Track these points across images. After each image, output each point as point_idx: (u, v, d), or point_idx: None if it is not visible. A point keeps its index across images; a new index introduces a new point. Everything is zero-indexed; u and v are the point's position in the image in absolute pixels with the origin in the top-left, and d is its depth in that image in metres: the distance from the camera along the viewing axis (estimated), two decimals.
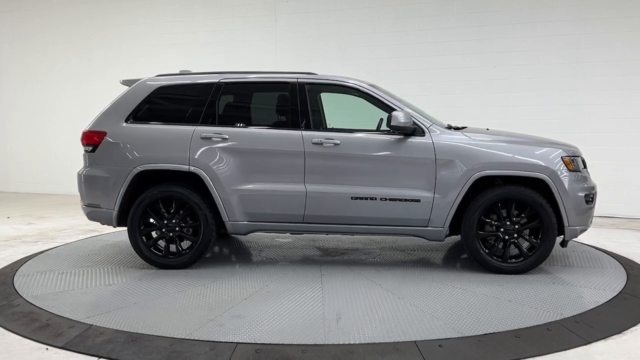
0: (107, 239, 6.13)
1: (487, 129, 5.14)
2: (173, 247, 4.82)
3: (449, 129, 4.71)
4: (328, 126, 5.29)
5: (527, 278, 4.43)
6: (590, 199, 4.53)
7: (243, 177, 4.64)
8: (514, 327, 3.35)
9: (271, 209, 4.64)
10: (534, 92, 7.95)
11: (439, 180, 4.47)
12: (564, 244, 4.60)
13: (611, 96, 7.62)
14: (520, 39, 7.94)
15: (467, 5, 8.17)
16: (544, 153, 4.51)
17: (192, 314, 3.62)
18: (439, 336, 3.22)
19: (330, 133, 4.67)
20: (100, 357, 3.02)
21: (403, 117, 4.41)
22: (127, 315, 3.61)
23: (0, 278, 4.57)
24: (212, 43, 9.52)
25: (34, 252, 5.55)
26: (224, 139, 4.65)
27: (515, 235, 4.51)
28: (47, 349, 3.16)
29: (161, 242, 4.83)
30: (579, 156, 4.65)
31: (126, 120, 4.81)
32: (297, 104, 4.72)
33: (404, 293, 4.06)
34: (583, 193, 4.47)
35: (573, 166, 4.49)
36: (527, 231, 4.56)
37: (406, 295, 4.02)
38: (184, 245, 4.85)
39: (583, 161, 4.72)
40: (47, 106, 10.70)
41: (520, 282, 4.33)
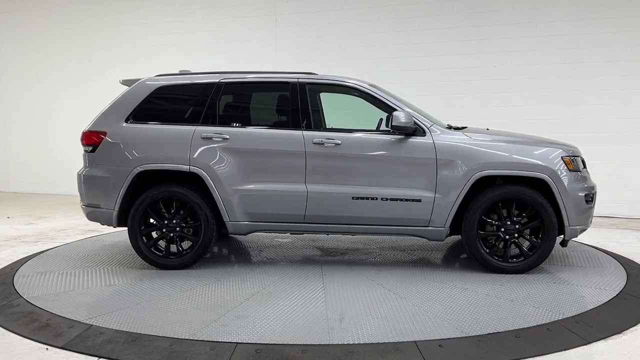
0: (107, 239, 6.13)
1: (487, 129, 5.15)
2: (173, 248, 4.82)
3: (449, 129, 4.72)
4: (327, 126, 5.29)
5: (527, 278, 4.44)
6: (590, 198, 4.54)
7: (244, 177, 4.63)
8: (514, 327, 3.35)
9: (272, 209, 4.64)
10: (534, 92, 7.95)
11: (439, 180, 4.48)
12: (564, 243, 4.60)
13: (611, 96, 7.62)
14: (520, 39, 7.94)
15: (467, 5, 8.17)
16: (544, 153, 4.51)
17: (195, 315, 3.61)
18: (441, 336, 3.22)
19: (331, 133, 4.67)
20: (100, 357, 3.02)
21: (404, 117, 4.41)
22: (129, 315, 3.60)
23: (0, 278, 4.57)
24: (212, 43, 9.52)
25: (34, 252, 5.55)
26: (224, 139, 4.65)
27: (516, 235, 4.52)
28: (47, 349, 3.16)
29: (161, 243, 4.83)
30: (578, 156, 4.66)
31: (126, 120, 4.80)
32: (298, 104, 4.72)
33: (405, 293, 4.07)
34: (583, 193, 4.49)
35: (573, 166, 4.50)
36: (528, 231, 4.56)
37: (408, 294, 4.02)
38: (184, 245, 4.85)
39: (583, 161, 4.73)
40: (47, 106, 10.70)
41: (520, 281, 4.33)
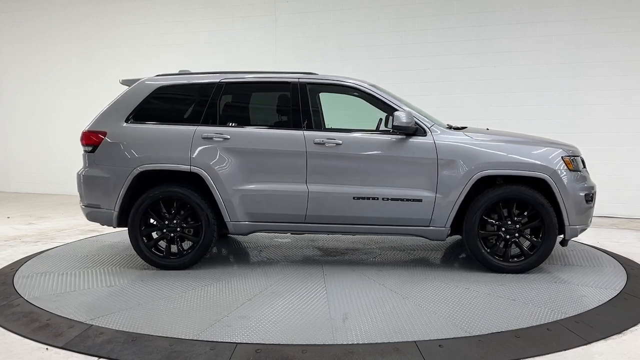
0: (107, 239, 6.12)
1: (487, 129, 5.15)
2: (174, 248, 4.81)
3: (449, 129, 4.72)
4: (327, 126, 5.29)
5: (527, 277, 4.44)
6: (590, 198, 4.55)
7: (244, 177, 4.63)
8: (514, 327, 3.35)
9: (273, 209, 4.64)
10: (534, 92, 7.95)
11: (440, 180, 4.48)
12: (564, 243, 4.61)
13: (611, 96, 7.62)
14: (520, 39, 7.94)
15: (467, 5, 8.17)
16: (544, 153, 4.52)
17: (197, 315, 3.61)
18: (441, 336, 3.22)
19: (332, 133, 4.67)
20: (100, 357, 3.02)
21: (405, 117, 4.42)
22: (130, 316, 3.59)
23: (0, 278, 4.57)
24: (212, 43, 9.52)
25: (34, 252, 5.54)
26: (225, 139, 4.65)
27: (517, 235, 4.52)
28: (47, 349, 3.16)
29: (162, 243, 4.83)
30: (578, 156, 4.67)
31: (126, 120, 4.79)
32: (299, 104, 4.71)
33: (407, 292, 4.07)
34: (583, 192, 4.49)
35: (573, 166, 4.51)
36: (528, 230, 4.57)
37: (410, 294, 4.03)
38: (185, 246, 4.84)
39: (582, 161, 4.74)
40: (47, 106, 10.69)
41: (521, 281, 4.33)
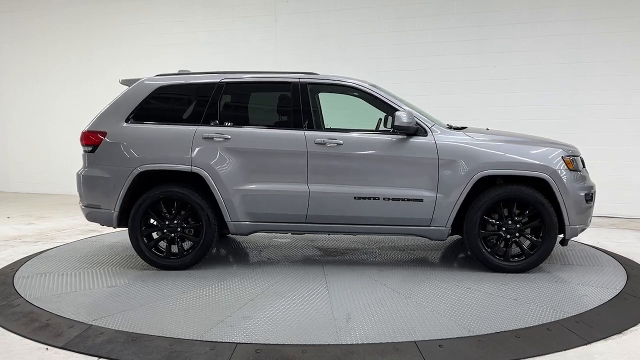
0: (107, 239, 6.12)
1: (487, 129, 5.15)
2: (174, 248, 4.81)
3: (450, 129, 4.72)
4: (326, 126, 5.29)
5: (528, 277, 4.44)
6: (590, 198, 4.56)
7: (245, 177, 4.63)
8: (514, 327, 3.35)
9: (274, 209, 4.64)
10: (534, 92, 7.95)
11: (441, 180, 4.48)
12: (564, 242, 4.61)
13: (611, 96, 7.62)
14: (520, 39, 7.94)
15: (467, 5, 8.17)
16: (544, 153, 4.52)
17: (200, 316, 3.60)
18: (441, 336, 3.22)
19: (333, 133, 4.67)
20: (100, 357, 3.02)
21: (406, 117, 4.42)
22: (130, 317, 3.58)
23: (0, 278, 4.57)
24: (212, 43, 9.51)
25: (34, 252, 5.54)
26: (226, 139, 4.65)
27: (517, 234, 4.52)
28: (47, 349, 3.16)
29: (162, 243, 4.82)
30: (578, 156, 4.68)
31: (126, 121, 4.79)
32: (299, 104, 4.71)
33: (409, 292, 4.07)
34: (583, 192, 4.50)
35: (573, 166, 4.52)
36: (529, 230, 4.57)
37: (412, 294, 4.03)
38: (185, 246, 4.84)
39: (582, 161, 4.74)
40: (47, 106, 10.69)
41: (521, 280, 4.34)
